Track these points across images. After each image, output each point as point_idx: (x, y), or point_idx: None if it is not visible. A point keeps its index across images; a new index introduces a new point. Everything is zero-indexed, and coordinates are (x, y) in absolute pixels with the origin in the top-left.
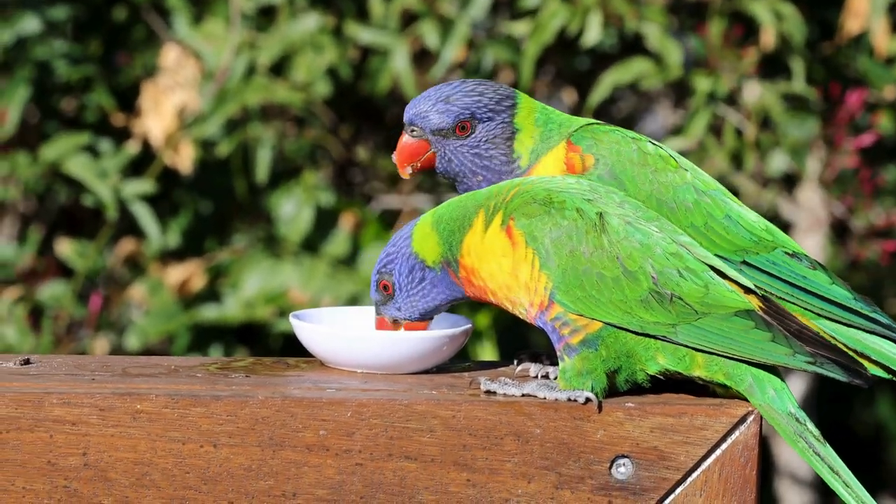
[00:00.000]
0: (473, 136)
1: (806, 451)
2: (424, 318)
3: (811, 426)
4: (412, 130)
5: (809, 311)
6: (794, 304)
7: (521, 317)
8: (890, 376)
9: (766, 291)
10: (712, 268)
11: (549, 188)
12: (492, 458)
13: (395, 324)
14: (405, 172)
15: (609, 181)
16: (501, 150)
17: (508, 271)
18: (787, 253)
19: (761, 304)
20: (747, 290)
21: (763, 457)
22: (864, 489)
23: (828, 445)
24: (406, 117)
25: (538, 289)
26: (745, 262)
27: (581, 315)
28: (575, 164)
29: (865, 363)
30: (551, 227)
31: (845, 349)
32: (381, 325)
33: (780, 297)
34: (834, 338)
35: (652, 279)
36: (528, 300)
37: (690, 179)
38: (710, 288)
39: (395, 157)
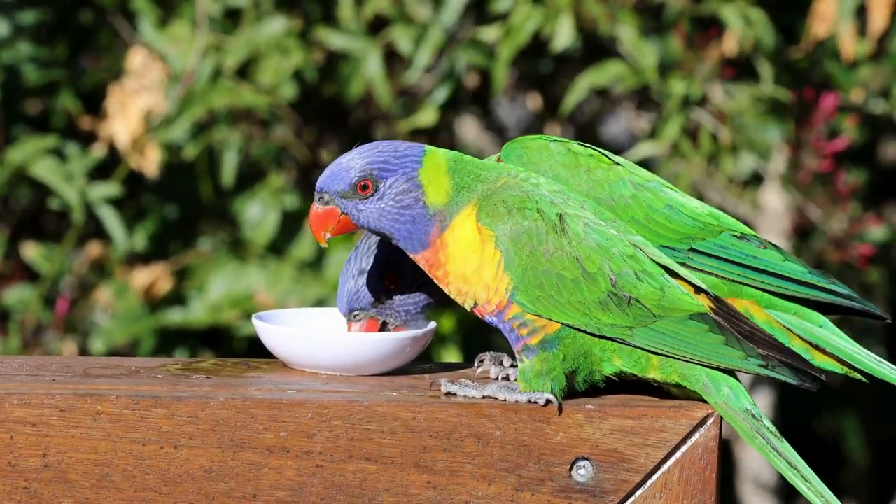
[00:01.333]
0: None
1: (764, 448)
2: (378, 233)
3: (767, 422)
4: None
5: (765, 290)
6: (748, 284)
7: (464, 307)
8: (844, 369)
9: (718, 276)
10: (666, 269)
11: (521, 189)
12: (452, 460)
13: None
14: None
15: None
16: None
17: (473, 267)
18: (735, 235)
19: (712, 305)
20: (698, 290)
21: (724, 460)
22: (823, 484)
23: (785, 441)
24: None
25: (499, 289)
26: (692, 250)
27: (539, 316)
28: None
29: (821, 357)
30: (512, 227)
31: (800, 341)
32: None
33: (733, 280)
34: (790, 329)
35: (611, 281)
36: (486, 298)
37: (626, 174)
38: (665, 291)
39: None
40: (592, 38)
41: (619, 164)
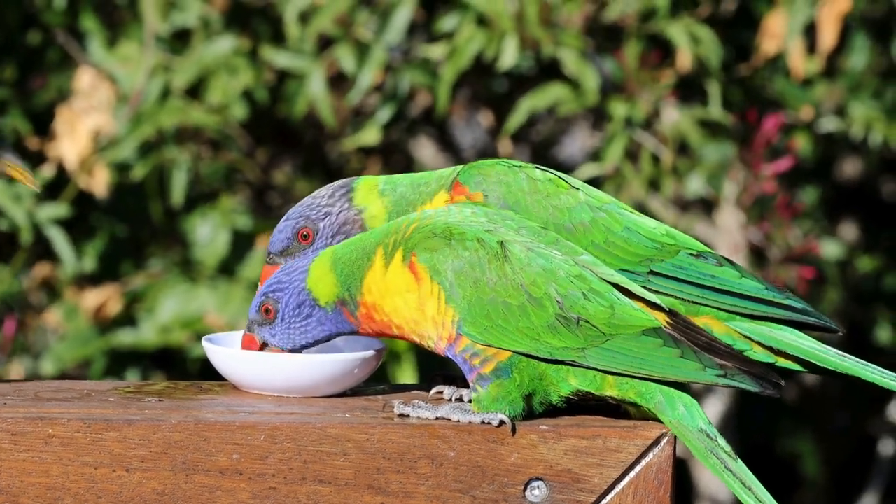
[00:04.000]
0: (318, 237)
1: (717, 468)
2: (295, 351)
3: (722, 442)
4: (269, 260)
5: (723, 309)
6: (706, 305)
7: (428, 349)
8: (805, 370)
9: (677, 298)
10: (617, 286)
11: (448, 221)
12: (406, 482)
13: (263, 346)
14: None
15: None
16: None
17: (415, 306)
18: (691, 254)
19: (668, 320)
20: (654, 307)
21: (680, 481)
22: None
23: (739, 461)
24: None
25: (445, 322)
26: (652, 272)
27: (489, 345)
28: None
29: (784, 360)
30: (453, 259)
31: (761, 348)
32: (247, 343)
33: (692, 301)
34: (749, 338)
35: (557, 304)
36: (437, 334)
37: (584, 198)
38: (615, 308)
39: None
40: (545, 59)
41: (576, 188)
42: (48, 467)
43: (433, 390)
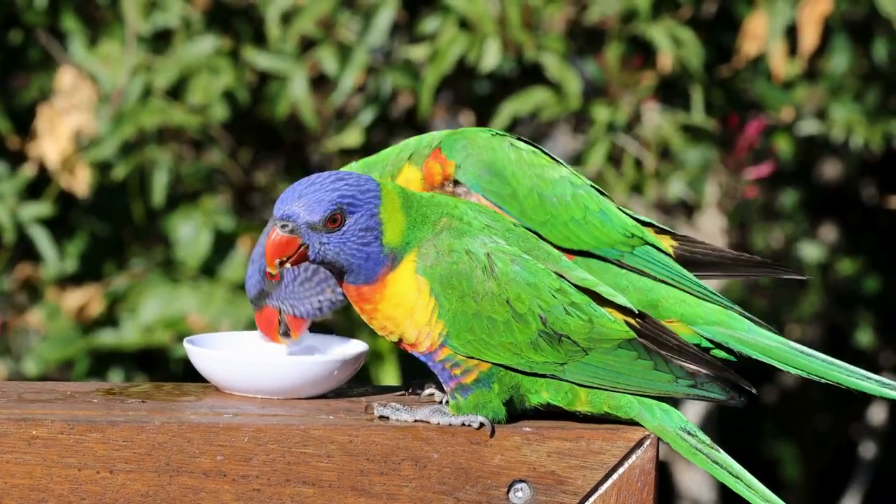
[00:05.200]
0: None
1: (705, 462)
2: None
3: (703, 436)
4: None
5: (689, 292)
6: (674, 285)
7: (388, 339)
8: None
9: (650, 275)
10: (592, 292)
11: (452, 228)
12: (389, 484)
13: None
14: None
15: (489, 178)
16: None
17: (405, 312)
18: (656, 247)
19: (639, 321)
20: (624, 310)
21: (662, 482)
22: (767, 490)
23: (722, 452)
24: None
25: (432, 334)
26: (623, 256)
27: (471, 357)
28: (434, 174)
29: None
30: (441, 272)
31: (725, 353)
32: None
33: (663, 280)
34: (713, 341)
35: (541, 320)
36: (416, 339)
37: (566, 173)
38: (594, 321)
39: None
40: (527, 61)
41: (559, 162)
42: (32, 469)
43: (425, 392)
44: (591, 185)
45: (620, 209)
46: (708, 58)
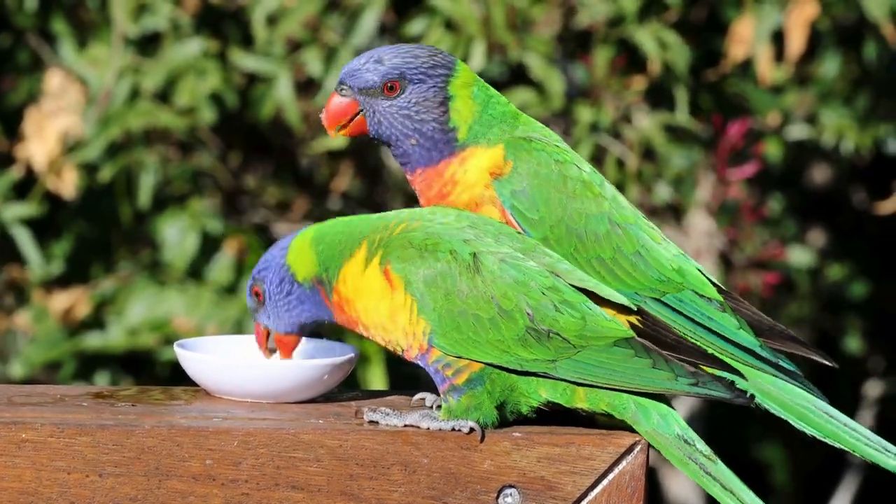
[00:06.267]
0: (402, 96)
1: (697, 474)
2: (291, 333)
3: (701, 446)
4: (341, 90)
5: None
6: (701, 334)
7: (394, 352)
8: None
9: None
10: (589, 292)
11: (428, 230)
12: (379, 488)
13: (268, 333)
14: (333, 133)
15: (523, 200)
16: (434, 114)
17: (386, 315)
18: (697, 293)
19: (638, 318)
20: (623, 309)
21: (652, 488)
22: (760, 501)
23: (720, 462)
24: (340, 77)
25: (416, 333)
26: (651, 298)
27: (460, 357)
28: (497, 163)
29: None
30: (425, 271)
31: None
32: (257, 332)
33: (684, 335)
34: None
35: (528, 316)
36: (407, 343)
37: (607, 209)
38: (587, 319)
39: (323, 117)
40: (514, 64)
41: (605, 197)
42: (21, 472)
43: (416, 397)
44: (639, 225)
45: (684, 259)
46: (697, 61)
